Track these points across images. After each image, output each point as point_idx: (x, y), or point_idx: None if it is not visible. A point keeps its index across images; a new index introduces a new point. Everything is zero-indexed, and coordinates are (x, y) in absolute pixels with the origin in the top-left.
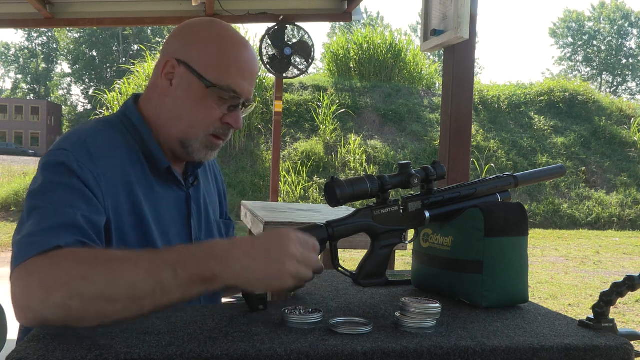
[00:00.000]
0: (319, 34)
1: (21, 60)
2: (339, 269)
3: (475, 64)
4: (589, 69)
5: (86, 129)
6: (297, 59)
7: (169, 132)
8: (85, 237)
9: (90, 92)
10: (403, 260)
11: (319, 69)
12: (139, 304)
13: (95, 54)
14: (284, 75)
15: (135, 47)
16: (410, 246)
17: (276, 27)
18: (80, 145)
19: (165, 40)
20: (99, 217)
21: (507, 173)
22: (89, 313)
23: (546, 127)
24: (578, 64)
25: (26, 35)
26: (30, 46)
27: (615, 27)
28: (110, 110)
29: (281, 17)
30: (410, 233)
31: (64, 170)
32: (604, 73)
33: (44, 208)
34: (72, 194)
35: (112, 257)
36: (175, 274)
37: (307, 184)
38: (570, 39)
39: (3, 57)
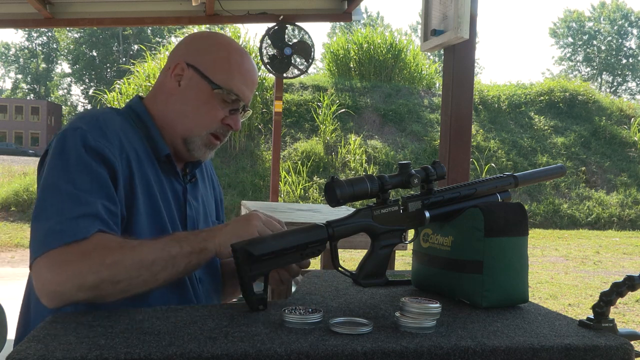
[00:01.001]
0: (319, 34)
1: (21, 60)
2: (339, 269)
3: (475, 64)
4: (589, 69)
5: (97, 110)
6: (297, 59)
7: (174, 129)
8: (107, 227)
9: (90, 92)
10: (403, 260)
11: (319, 69)
12: (156, 277)
13: (95, 54)
14: (284, 75)
15: (135, 47)
16: (410, 246)
17: (276, 27)
18: (93, 123)
19: (174, 47)
20: (117, 209)
21: (507, 173)
22: (116, 291)
23: (546, 127)
24: (578, 64)
25: (26, 35)
26: (30, 46)
27: (615, 27)
28: None
29: (281, 17)
30: (410, 233)
31: (82, 149)
32: (604, 73)
33: (67, 193)
34: (93, 181)
35: (134, 243)
36: (180, 247)
37: (307, 184)
38: (570, 39)
39: (3, 57)
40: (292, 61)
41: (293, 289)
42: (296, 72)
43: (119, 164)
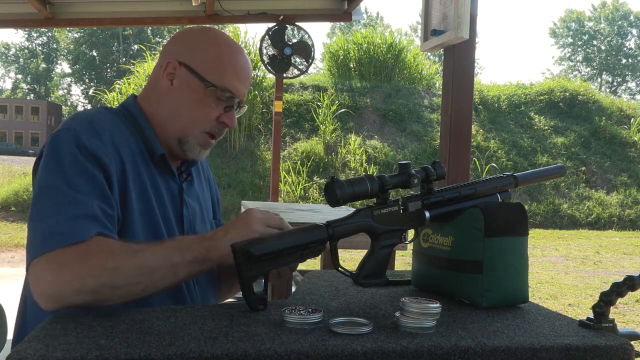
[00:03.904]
0: (319, 34)
1: (21, 60)
2: (339, 269)
3: (475, 64)
4: (589, 69)
5: (91, 111)
6: (297, 59)
7: (168, 129)
8: (106, 229)
9: (90, 92)
10: (403, 260)
11: (319, 69)
12: (155, 284)
13: (95, 54)
14: (284, 75)
15: (135, 47)
16: (410, 246)
17: (276, 27)
18: (87, 124)
19: (165, 44)
20: (112, 211)
21: (507, 173)
22: (115, 296)
23: (546, 127)
24: (578, 64)
25: (26, 35)
26: (30, 46)
27: (615, 27)
28: None
29: (281, 17)
30: (410, 233)
31: (76, 150)
32: (604, 73)
33: (63, 193)
34: (88, 182)
35: (135, 248)
36: (182, 256)
37: (307, 184)
38: (570, 39)
39: (3, 57)
40: (292, 61)
41: (293, 289)
42: (296, 72)
43: (112, 166)
